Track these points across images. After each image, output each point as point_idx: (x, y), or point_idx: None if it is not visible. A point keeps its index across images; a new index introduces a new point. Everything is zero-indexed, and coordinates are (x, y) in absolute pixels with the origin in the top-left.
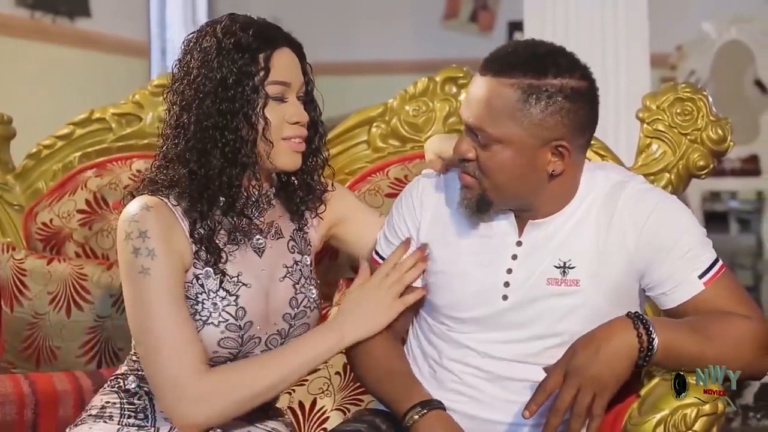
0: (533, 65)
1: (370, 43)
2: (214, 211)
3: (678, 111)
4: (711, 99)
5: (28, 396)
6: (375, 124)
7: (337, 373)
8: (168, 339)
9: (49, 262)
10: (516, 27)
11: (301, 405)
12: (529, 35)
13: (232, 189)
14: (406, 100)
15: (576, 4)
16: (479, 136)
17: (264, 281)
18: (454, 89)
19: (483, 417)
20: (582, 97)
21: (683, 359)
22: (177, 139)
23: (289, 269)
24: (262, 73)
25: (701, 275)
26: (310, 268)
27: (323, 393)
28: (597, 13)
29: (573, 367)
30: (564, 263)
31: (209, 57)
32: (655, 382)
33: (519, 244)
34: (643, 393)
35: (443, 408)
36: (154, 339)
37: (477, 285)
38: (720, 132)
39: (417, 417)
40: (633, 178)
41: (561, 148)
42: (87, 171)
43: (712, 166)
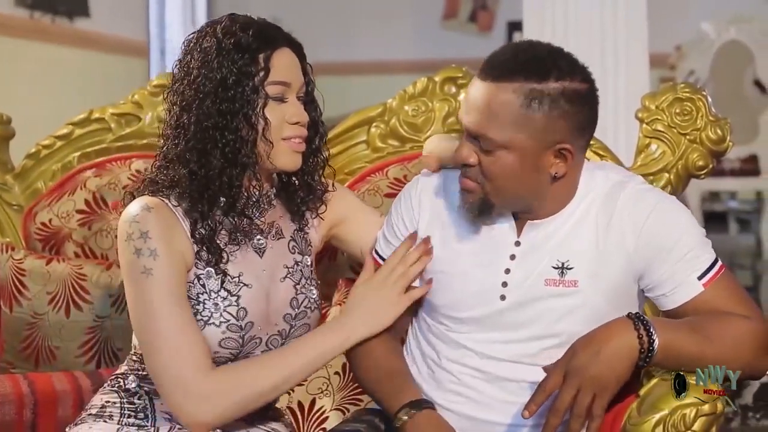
0: (534, 69)
1: (369, 43)
2: (214, 212)
3: (677, 111)
4: (710, 99)
5: (27, 396)
6: (374, 124)
7: (336, 373)
8: (171, 339)
9: (48, 262)
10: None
11: (300, 405)
12: (529, 35)
13: (232, 189)
14: (405, 100)
15: (575, 4)
16: (481, 141)
17: (265, 282)
18: (453, 89)
19: (481, 418)
20: (583, 100)
21: (683, 359)
22: (177, 140)
23: (290, 270)
24: (262, 74)
25: (701, 276)
26: (310, 268)
27: (322, 393)
28: (596, 13)
29: (573, 368)
30: (562, 264)
31: (209, 57)
32: (655, 382)
33: (517, 244)
34: (643, 393)
35: (433, 408)
36: (157, 339)
37: (476, 285)
38: (719, 132)
39: (405, 417)
40: (632, 178)
41: (564, 150)
42: (86, 171)
43: (711, 166)
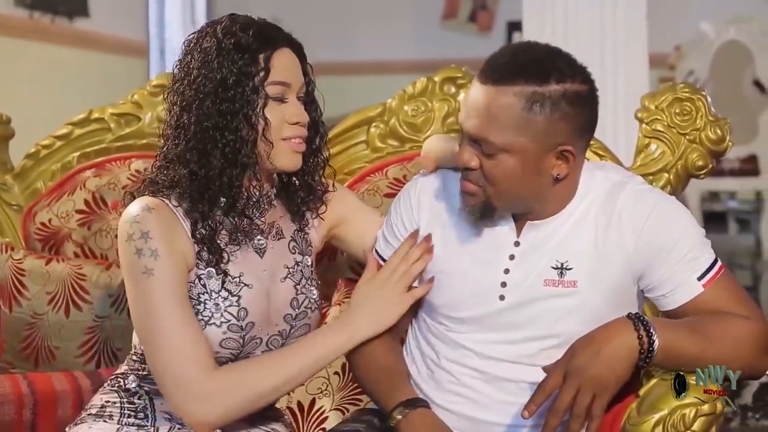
0: (534, 71)
1: (369, 43)
2: (215, 212)
3: (677, 111)
4: (710, 99)
5: (26, 396)
6: (374, 124)
7: (336, 374)
8: (174, 338)
9: (48, 262)
10: (515, 27)
11: (300, 405)
12: (528, 35)
13: (232, 189)
14: (404, 100)
15: (575, 4)
16: (483, 145)
17: (265, 282)
18: (452, 89)
19: (481, 418)
20: (584, 101)
21: (683, 360)
22: (177, 140)
23: (290, 270)
24: (262, 74)
25: (700, 277)
26: (311, 268)
27: (322, 393)
28: (596, 13)
29: (573, 368)
30: (561, 264)
31: (209, 57)
32: (654, 382)
33: (517, 244)
34: (642, 393)
35: (428, 406)
36: (159, 339)
37: (475, 285)
38: (719, 132)
39: (399, 417)
40: (632, 178)
41: (565, 152)
42: (86, 171)
43: (710, 166)
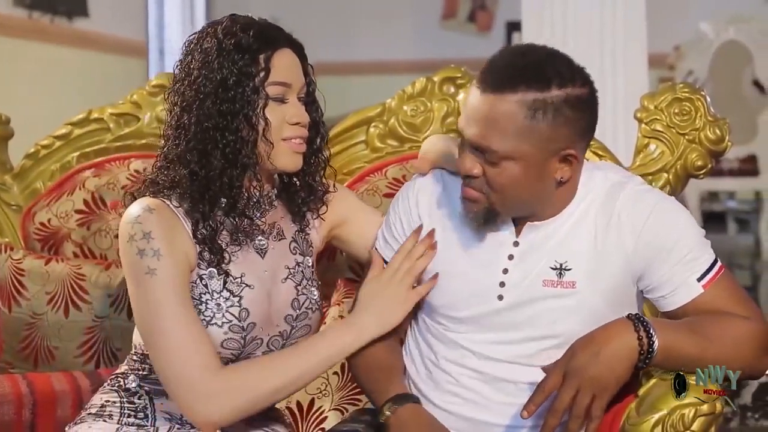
0: (535, 77)
1: (369, 43)
2: (215, 212)
3: (676, 111)
4: (709, 99)
5: (26, 396)
6: (373, 124)
7: (335, 374)
8: (177, 338)
9: (47, 262)
10: (514, 27)
11: (299, 405)
12: (528, 35)
13: (233, 190)
14: (404, 100)
15: (574, 4)
16: (486, 154)
17: (266, 282)
18: (452, 89)
19: (479, 419)
20: (585, 105)
21: (683, 360)
22: (178, 140)
23: (291, 270)
24: (262, 74)
25: (700, 278)
26: (311, 269)
27: (321, 393)
28: (595, 13)
29: (572, 368)
30: (560, 265)
31: (210, 58)
32: (653, 382)
33: (516, 244)
34: (641, 393)
35: (418, 402)
36: (163, 338)
37: (473, 285)
38: (718, 132)
39: (388, 413)
40: (631, 178)
41: (569, 156)
42: (85, 171)
43: (710, 166)
